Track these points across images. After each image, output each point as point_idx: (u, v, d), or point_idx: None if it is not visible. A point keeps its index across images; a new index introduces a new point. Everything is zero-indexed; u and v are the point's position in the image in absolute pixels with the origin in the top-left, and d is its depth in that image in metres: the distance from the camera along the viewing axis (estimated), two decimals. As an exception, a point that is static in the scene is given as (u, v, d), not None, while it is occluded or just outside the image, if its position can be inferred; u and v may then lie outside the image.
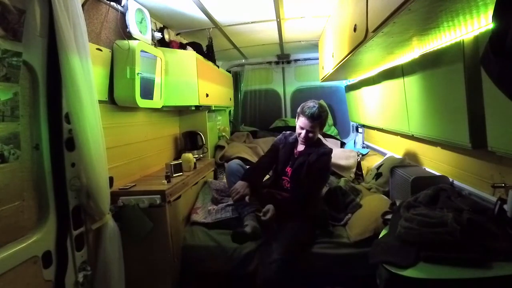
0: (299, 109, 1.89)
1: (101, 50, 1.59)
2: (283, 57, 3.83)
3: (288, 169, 1.91)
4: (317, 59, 3.16)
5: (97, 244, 1.45)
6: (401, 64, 1.76)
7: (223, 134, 3.32)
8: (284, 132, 2.09)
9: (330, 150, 1.89)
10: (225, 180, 2.47)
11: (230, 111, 3.96)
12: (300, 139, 1.88)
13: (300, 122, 1.85)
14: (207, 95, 2.47)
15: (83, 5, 1.35)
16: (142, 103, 1.81)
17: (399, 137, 2.37)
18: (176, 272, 1.79)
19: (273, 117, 4.01)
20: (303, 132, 1.83)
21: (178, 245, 1.81)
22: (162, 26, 2.27)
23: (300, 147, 1.94)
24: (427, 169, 1.85)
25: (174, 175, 1.97)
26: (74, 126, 1.25)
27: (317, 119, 1.80)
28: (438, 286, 0.95)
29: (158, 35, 2.09)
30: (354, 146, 3.70)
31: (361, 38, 1.31)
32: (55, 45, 1.18)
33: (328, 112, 1.91)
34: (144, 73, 1.83)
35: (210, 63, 2.68)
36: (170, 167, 1.97)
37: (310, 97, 3.79)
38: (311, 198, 1.82)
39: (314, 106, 1.81)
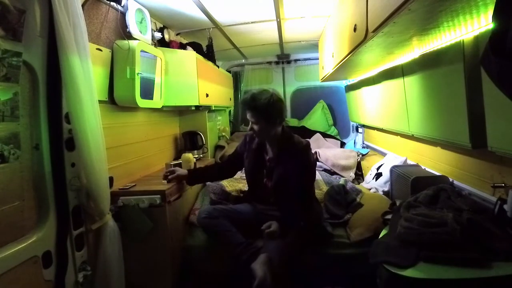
0: None
1: (101, 50, 1.59)
2: (283, 57, 3.83)
3: (266, 182, 1.68)
4: (317, 59, 3.15)
5: (97, 244, 1.45)
6: (401, 64, 1.76)
7: (223, 134, 3.32)
8: (246, 134, 1.80)
9: (307, 143, 1.65)
10: (222, 182, 2.47)
11: (230, 111, 3.96)
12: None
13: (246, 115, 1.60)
14: (207, 95, 2.47)
15: (83, 5, 1.35)
16: (142, 103, 1.81)
17: (399, 137, 2.37)
18: (176, 272, 1.79)
19: (273, 117, 4.01)
20: (252, 126, 1.58)
21: (178, 245, 1.81)
22: (162, 26, 2.27)
23: (270, 152, 1.66)
24: (427, 169, 1.85)
25: (174, 175, 1.97)
26: (74, 126, 1.25)
27: (253, 107, 1.51)
28: (438, 286, 0.95)
29: (158, 35, 2.09)
30: (354, 146, 3.70)
31: (361, 38, 1.31)
32: (55, 45, 1.18)
33: (277, 101, 1.53)
34: (144, 73, 1.83)
35: (210, 63, 2.68)
36: (170, 167, 1.97)
37: (310, 97, 3.90)
38: (307, 202, 1.65)
39: (247, 94, 1.56)
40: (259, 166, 1.69)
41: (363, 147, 3.47)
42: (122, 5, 1.72)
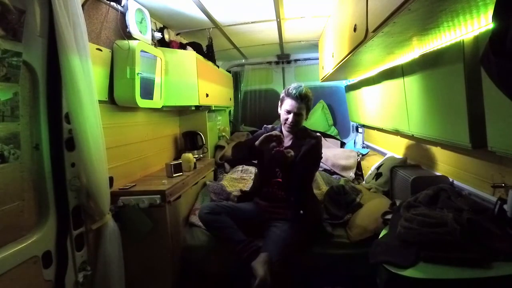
0: (282, 93, 1.77)
1: (101, 50, 1.59)
2: (283, 57, 3.83)
3: (279, 171, 1.78)
4: (317, 59, 3.15)
5: (97, 244, 1.45)
6: (401, 64, 1.76)
7: (223, 134, 3.32)
8: (265, 126, 1.93)
9: (320, 136, 1.83)
10: (222, 182, 2.47)
11: (230, 111, 3.96)
12: (286, 126, 1.76)
13: (287, 105, 1.72)
14: (207, 95, 2.47)
15: (83, 5, 1.35)
16: (142, 103, 1.81)
17: (399, 137, 2.37)
18: (176, 272, 1.79)
19: (273, 117, 4.00)
20: (290, 116, 1.71)
21: (178, 245, 1.82)
22: (162, 26, 2.27)
23: (287, 143, 1.80)
24: (427, 169, 1.85)
25: (174, 175, 1.97)
26: (74, 126, 1.25)
27: (304, 99, 1.69)
28: (438, 286, 0.95)
29: (158, 35, 2.09)
30: (354, 146, 3.70)
31: (361, 38, 1.31)
32: (55, 45, 1.18)
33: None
34: (144, 73, 1.83)
35: (210, 63, 2.68)
36: (170, 167, 1.97)
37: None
38: (304, 186, 1.76)
39: (300, 86, 1.70)
40: (274, 157, 1.72)
41: (363, 147, 3.47)
42: (122, 5, 1.72)
